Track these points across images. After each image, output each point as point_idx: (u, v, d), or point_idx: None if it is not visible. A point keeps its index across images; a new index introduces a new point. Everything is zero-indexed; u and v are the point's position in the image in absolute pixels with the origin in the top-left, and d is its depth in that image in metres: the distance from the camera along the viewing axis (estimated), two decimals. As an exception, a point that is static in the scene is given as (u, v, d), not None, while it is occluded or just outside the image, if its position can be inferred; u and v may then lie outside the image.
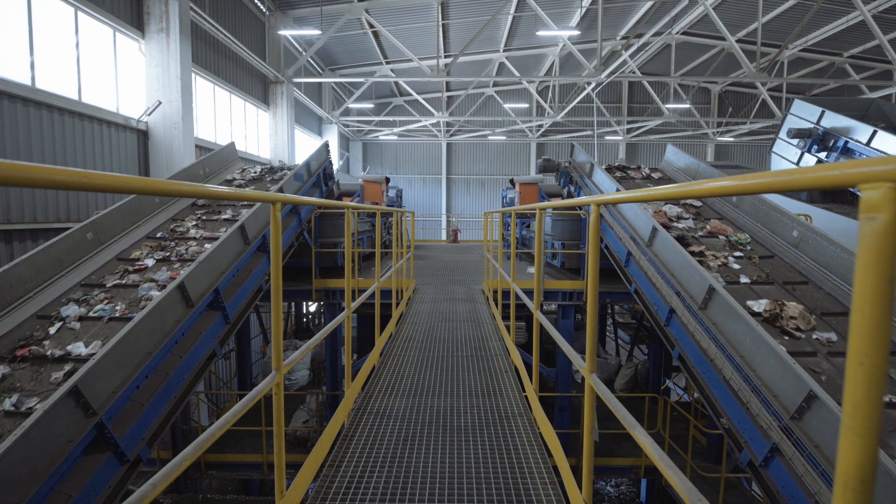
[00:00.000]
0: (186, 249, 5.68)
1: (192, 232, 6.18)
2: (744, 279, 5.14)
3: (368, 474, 2.73)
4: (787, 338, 4.20)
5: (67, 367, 3.62)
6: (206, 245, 5.72)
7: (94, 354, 3.45)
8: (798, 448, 3.21)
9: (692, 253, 5.57)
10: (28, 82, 7.04)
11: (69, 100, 7.73)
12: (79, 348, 3.82)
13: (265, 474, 7.68)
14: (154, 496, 1.26)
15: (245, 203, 7.02)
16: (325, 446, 2.88)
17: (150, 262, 5.32)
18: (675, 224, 6.51)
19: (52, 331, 4.07)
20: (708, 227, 6.37)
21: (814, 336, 4.20)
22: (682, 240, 5.96)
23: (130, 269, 5.15)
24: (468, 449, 3.01)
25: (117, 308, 4.43)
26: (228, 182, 8.27)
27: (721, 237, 6.13)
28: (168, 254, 5.54)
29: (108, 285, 4.81)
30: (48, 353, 3.78)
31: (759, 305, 4.54)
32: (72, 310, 4.33)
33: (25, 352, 3.76)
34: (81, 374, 3.12)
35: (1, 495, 2.54)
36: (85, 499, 3.01)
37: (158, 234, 6.01)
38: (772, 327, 4.29)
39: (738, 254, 5.69)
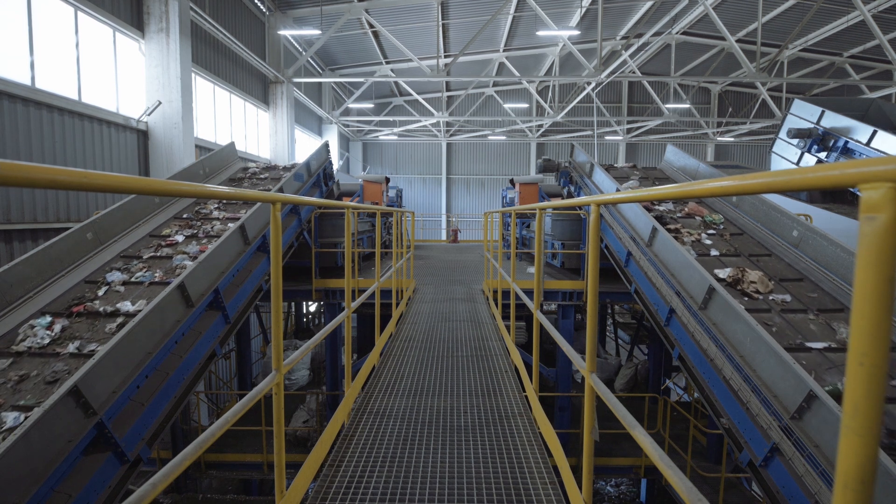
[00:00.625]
0: (212, 227, 6.26)
1: (216, 213, 6.76)
2: (714, 252, 5.75)
3: (368, 474, 2.73)
4: (746, 298, 4.82)
5: (119, 320, 4.20)
6: (230, 224, 6.30)
7: (140, 311, 4.04)
8: (798, 448, 3.21)
9: (669, 230, 6.07)
10: (28, 82, 7.04)
11: (69, 100, 7.73)
12: (126, 306, 4.40)
13: (265, 474, 7.69)
14: (154, 496, 1.26)
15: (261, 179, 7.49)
16: (325, 446, 2.88)
17: (179, 238, 5.91)
18: (657, 207, 6.99)
19: (100, 293, 4.67)
20: (686, 209, 6.93)
21: (770, 297, 4.81)
22: (660, 219, 6.49)
23: (163, 243, 5.77)
24: (468, 449, 3.01)
25: (156, 274, 5.01)
26: (244, 171, 8.52)
27: (697, 218, 6.68)
28: (196, 231, 6.14)
29: (144, 257, 5.40)
30: (100, 309, 4.37)
31: (724, 272, 5.17)
32: (115, 276, 4.94)
33: (80, 308, 4.38)
34: (81, 374, 3.12)
35: (1, 495, 2.54)
36: (85, 499, 3.01)
37: (185, 216, 6.58)
38: (734, 290, 4.93)
39: (710, 231, 6.26)
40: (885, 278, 0.61)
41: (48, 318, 4.16)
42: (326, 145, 9.53)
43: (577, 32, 16.28)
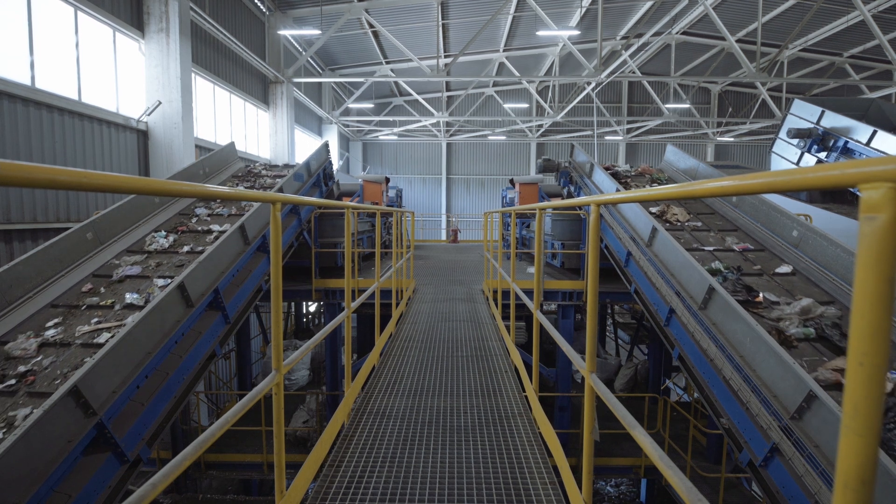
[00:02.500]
0: (228, 215, 6.80)
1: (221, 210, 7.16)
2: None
3: (368, 474, 2.73)
4: (667, 224, 6.62)
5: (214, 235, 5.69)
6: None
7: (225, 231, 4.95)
8: (798, 448, 3.21)
9: (625, 185, 8.25)
10: (28, 82, 7.04)
11: (69, 100, 7.72)
12: (216, 227, 5.88)
13: (265, 474, 7.68)
14: (154, 496, 1.26)
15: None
16: (325, 446, 2.88)
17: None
18: (616, 167, 9.51)
19: (193, 221, 6.28)
20: (639, 168, 9.37)
21: (687, 223, 6.72)
22: (616, 176, 8.68)
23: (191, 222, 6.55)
24: (468, 449, 3.01)
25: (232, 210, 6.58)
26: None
27: (647, 175, 9.00)
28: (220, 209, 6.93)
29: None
30: (199, 228, 5.95)
31: (655, 208, 6.94)
32: (201, 210, 6.60)
33: (183, 228, 6.17)
34: (81, 374, 3.12)
35: (1, 495, 2.54)
36: (85, 499, 3.01)
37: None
38: (661, 220, 6.66)
39: (654, 185, 8.25)
40: (885, 278, 0.61)
41: (164, 233, 5.98)
42: (326, 145, 9.52)
43: (577, 32, 16.28)
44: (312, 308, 15.38)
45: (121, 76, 9.16)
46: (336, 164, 21.07)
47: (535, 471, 2.76)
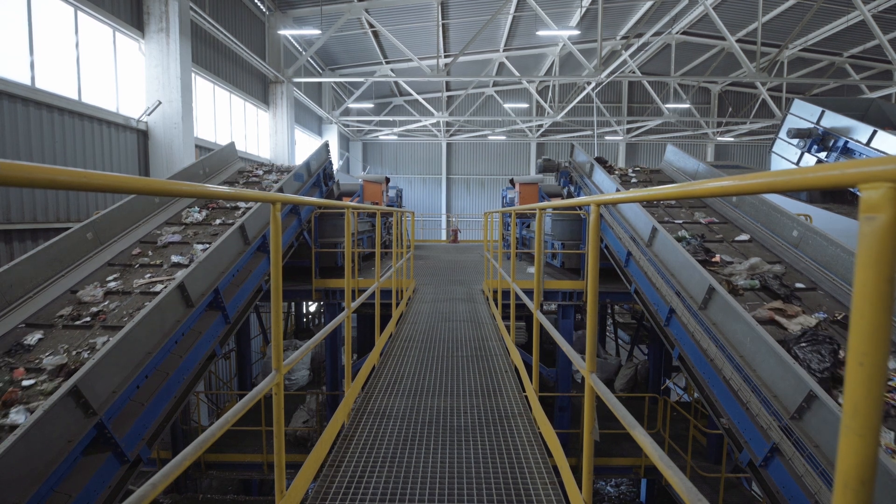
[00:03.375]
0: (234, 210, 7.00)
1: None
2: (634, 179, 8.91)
3: (368, 474, 2.73)
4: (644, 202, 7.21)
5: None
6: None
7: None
8: (798, 448, 3.21)
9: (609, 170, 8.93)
10: (28, 82, 7.04)
11: (69, 100, 7.72)
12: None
13: (265, 474, 7.68)
14: (154, 496, 1.26)
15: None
16: (325, 446, 2.88)
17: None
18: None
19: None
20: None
21: (662, 201, 7.29)
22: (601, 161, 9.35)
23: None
24: (468, 449, 3.01)
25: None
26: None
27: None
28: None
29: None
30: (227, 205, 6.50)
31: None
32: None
33: (214, 204, 6.50)
34: (81, 374, 3.12)
35: (1, 495, 2.54)
36: (85, 499, 3.01)
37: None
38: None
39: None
40: (885, 278, 0.61)
41: (197, 208, 6.59)
42: (326, 145, 9.52)
43: (577, 32, 16.28)
44: (312, 308, 15.38)
45: (121, 76, 9.15)
46: (336, 164, 21.07)
47: (535, 471, 2.76)
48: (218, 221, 6.42)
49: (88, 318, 4.26)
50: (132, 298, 4.60)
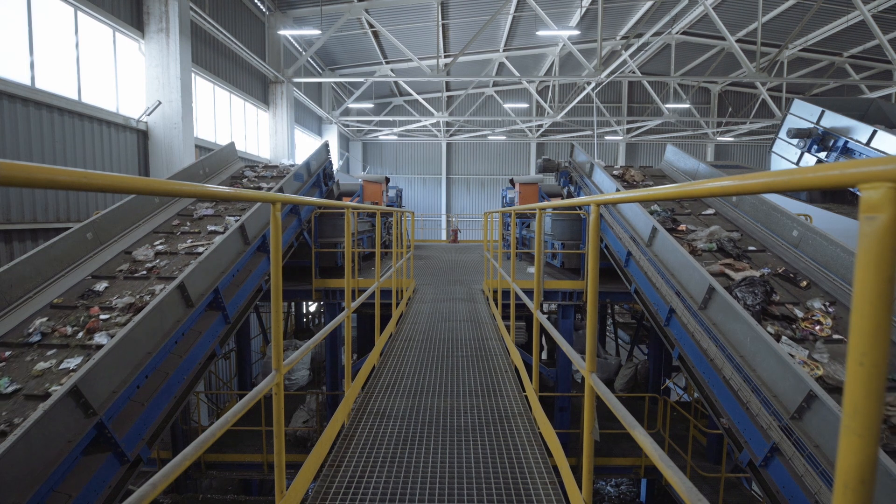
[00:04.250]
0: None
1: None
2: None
3: (368, 474, 2.73)
4: (625, 183, 8.38)
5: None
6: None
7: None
8: (798, 448, 3.21)
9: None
10: (28, 82, 7.04)
11: (69, 100, 7.72)
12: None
13: (265, 474, 7.68)
14: (154, 496, 1.26)
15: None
16: (325, 446, 2.88)
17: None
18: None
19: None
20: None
21: (642, 182, 8.40)
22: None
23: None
24: (468, 449, 3.01)
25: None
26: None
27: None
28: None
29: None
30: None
31: (617, 171, 8.68)
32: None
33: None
34: (81, 374, 3.12)
35: (1, 495, 2.54)
36: (85, 499, 3.01)
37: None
38: (622, 181, 8.42)
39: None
40: (885, 278, 0.61)
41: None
42: (326, 145, 9.52)
43: (577, 32, 16.28)
44: (312, 308, 15.38)
45: (121, 76, 9.15)
46: (336, 164, 21.06)
47: (535, 471, 2.76)
48: (266, 186, 7.61)
49: (144, 272, 5.06)
50: (179, 258, 5.39)
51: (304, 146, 20.02)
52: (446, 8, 16.81)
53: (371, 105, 23.90)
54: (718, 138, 26.94)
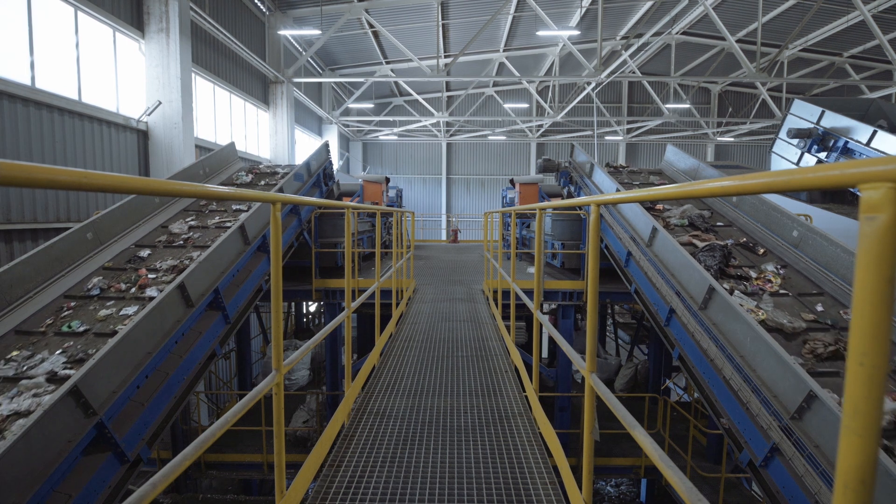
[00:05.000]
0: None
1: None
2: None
3: (368, 474, 2.73)
4: (610, 168, 9.27)
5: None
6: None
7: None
8: (798, 448, 3.21)
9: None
10: (28, 82, 7.04)
11: (69, 100, 7.72)
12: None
13: (265, 474, 7.68)
14: (154, 496, 1.26)
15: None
16: (325, 446, 2.88)
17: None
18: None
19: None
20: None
21: (625, 169, 9.28)
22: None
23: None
24: (468, 449, 3.01)
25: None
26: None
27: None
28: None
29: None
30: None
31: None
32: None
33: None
34: (81, 373, 3.12)
35: (1, 495, 2.54)
36: (85, 499, 3.01)
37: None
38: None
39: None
40: (885, 278, 0.61)
41: (244, 172, 8.18)
42: (326, 145, 9.52)
43: (577, 32, 16.28)
44: (312, 308, 15.38)
45: (121, 76, 9.15)
46: (336, 164, 21.07)
47: (535, 471, 2.76)
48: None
49: (181, 242, 5.82)
50: (210, 231, 6.10)
51: (305, 146, 20.02)
52: (446, 8, 16.80)
53: (371, 105, 23.90)
54: (718, 138, 26.94)
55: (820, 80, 17.51)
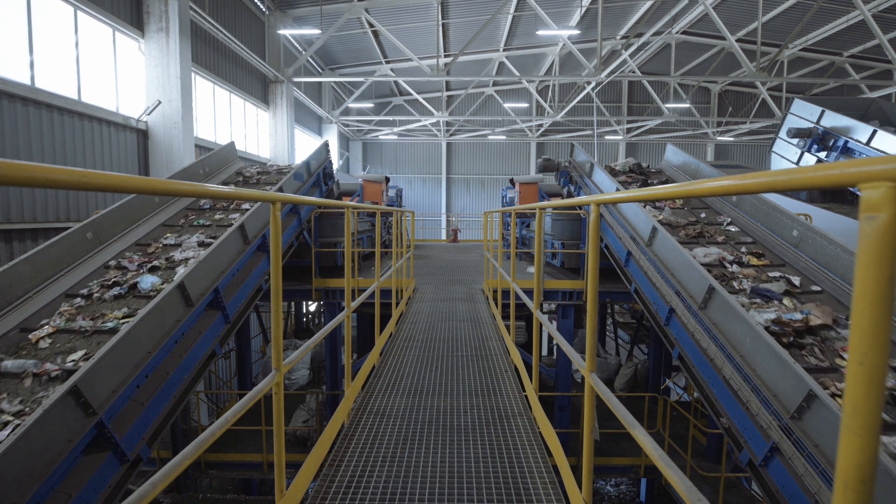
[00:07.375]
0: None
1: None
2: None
3: (368, 474, 2.73)
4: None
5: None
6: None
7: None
8: (798, 448, 3.21)
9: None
10: (28, 82, 7.04)
11: (69, 99, 7.72)
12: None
13: (265, 474, 7.68)
14: (154, 496, 1.26)
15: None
16: (325, 446, 2.88)
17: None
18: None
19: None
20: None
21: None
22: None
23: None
24: (468, 448, 3.01)
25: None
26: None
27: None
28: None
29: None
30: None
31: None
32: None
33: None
34: (81, 373, 3.12)
35: (1, 495, 2.54)
36: (85, 498, 3.01)
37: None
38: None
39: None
40: (885, 278, 0.61)
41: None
42: (326, 145, 9.52)
43: (577, 32, 16.27)
44: (312, 308, 15.38)
45: (120, 76, 9.15)
46: (336, 163, 21.05)
47: (535, 470, 2.76)
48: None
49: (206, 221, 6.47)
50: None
51: (304, 146, 20.01)
52: (446, 7, 16.80)
53: (371, 105, 23.89)
54: (718, 138, 26.93)
55: (820, 79, 17.50)
